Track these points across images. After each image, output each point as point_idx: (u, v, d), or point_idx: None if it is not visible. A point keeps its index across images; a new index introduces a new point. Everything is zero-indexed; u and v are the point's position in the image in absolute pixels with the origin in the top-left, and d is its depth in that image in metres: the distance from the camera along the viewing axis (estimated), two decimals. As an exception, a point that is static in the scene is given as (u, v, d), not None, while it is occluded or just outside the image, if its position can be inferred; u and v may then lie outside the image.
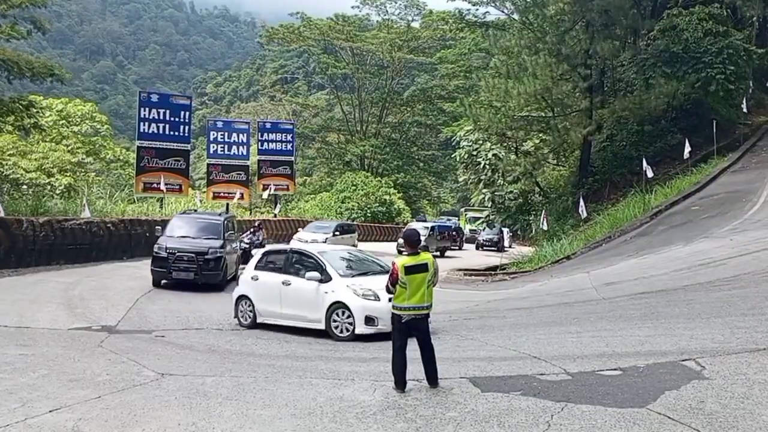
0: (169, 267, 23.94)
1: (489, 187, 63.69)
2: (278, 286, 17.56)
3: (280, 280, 17.61)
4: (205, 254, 24.30)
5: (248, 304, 18.11)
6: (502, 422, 8.85)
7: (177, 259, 23.98)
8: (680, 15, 43.19)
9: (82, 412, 9.57)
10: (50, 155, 47.72)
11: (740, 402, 9.14)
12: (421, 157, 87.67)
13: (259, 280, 18.17)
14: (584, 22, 44.49)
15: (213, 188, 46.92)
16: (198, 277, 24.06)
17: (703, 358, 11.45)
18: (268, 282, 17.90)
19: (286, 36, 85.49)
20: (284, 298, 17.49)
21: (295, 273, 17.61)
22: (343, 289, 16.53)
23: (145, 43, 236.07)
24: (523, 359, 12.66)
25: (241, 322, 18.13)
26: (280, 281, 17.58)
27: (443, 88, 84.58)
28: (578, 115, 46.12)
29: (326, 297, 16.60)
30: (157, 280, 24.36)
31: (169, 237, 25.08)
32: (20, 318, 16.86)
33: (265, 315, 17.83)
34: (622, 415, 8.85)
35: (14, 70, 33.48)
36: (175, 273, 24.02)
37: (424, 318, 10.86)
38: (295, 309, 17.25)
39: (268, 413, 9.61)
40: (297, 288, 17.27)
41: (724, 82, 40.90)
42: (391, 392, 10.52)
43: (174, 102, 42.80)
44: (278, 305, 17.55)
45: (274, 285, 17.70)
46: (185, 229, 25.90)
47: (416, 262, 10.68)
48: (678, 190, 37.81)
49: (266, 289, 17.88)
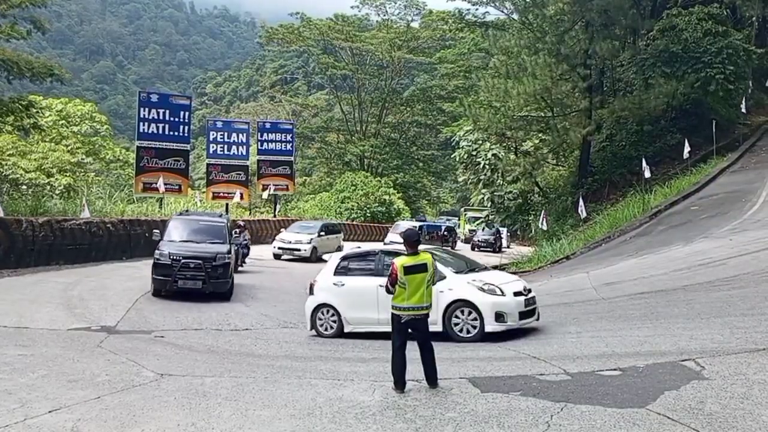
0: (174, 275, 21.71)
1: (488, 187, 63.80)
2: (374, 290, 16.04)
3: (376, 283, 15.99)
4: (213, 260, 22.26)
5: (331, 313, 16.99)
6: (502, 422, 8.85)
7: (183, 266, 21.83)
8: (680, 15, 43.18)
9: (81, 413, 9.58)
10: (50, 155, 47.72)
11: (740, 402, 9.15)
12: (421, 157, 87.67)
13: (346, 286, 16.95)
14: (584, 22, 44.49)
15: (212, 188, 46.94)
16: (206, 286, 22.00)
17: (703, 358, 11.46)
18: (359, 287, 16.73)
19: (286, 36, 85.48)
20: (384, 302, 15.43)
21: None
22: (464, 286, 15.74)
23: (144, 43, 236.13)
24: (523, 359, 12.68)
25: (322, 333, 16.98)
26: (376, 285, 15.92)
27: (443, 88, 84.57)
28: (578, 115, 46.13)
29: (442, 296, 15.50)
30: (160, 289, 22.14)
31: (171, 242, 23.04)
32: (19, 318, 16.86)
33: (356, 323, 16.75)
34: (622, 416, 8.85)
35: (14, 70, 33.46)
36: (181, 282, 21.85)
37: (424, 318, 10.88)
38: None
39: (267, 413, 9.61)
40: None
41: (724, 82, 40.89)
42: (391, 392, 10.53)
43: (174, 102, 42.81)
44: (375, 311, 16.09)
45: (368, 290, 16.37)
46: (187, 233, 23.90)
47: (415, 262, 10.69)
48: (677, 190, 37.80)
49: (357, 295, 16.69)
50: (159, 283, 22.12)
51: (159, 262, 22.08)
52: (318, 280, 17.59)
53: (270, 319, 19.06)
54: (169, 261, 21.92)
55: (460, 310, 15.46)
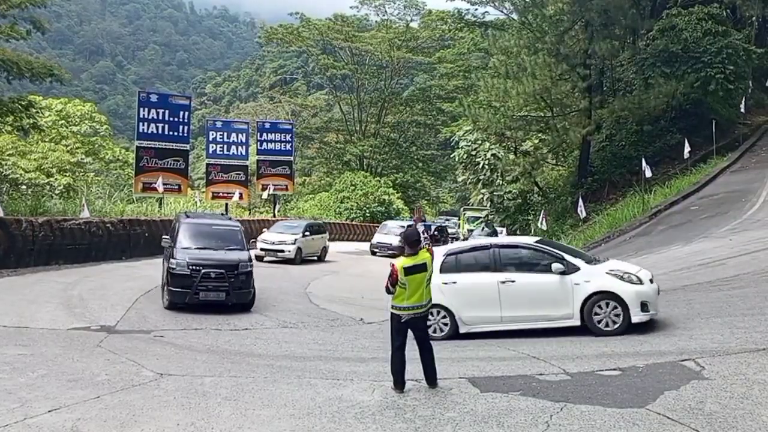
0: (195, 287, 19.47)
1: (488, 187, 63.77)
2: (494, 286, 15.42)
3: (495, 279, 15.47)
4: (236, 269, 20.16)
5: (442, 314, 15.82)
6: (501, 422, 8.88)
7: (204, 276, 19.64)
8: (679, 15, 43.23)
9: (81, 412, 9.59)
10: (49, 155, 47.70)
11: (740, 402, 9.17)
12: (420, 156, 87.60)
13: (459, 284, 15.82)
14: (583, 22, 44.55)
15: (212, 188, 46.91)
16: (230, 297, 19.92)
17: (703, 358, 11.49)
18: (476, 284, 15.78)
19: (285, 36, 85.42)
20: (507, 299, 15.39)
21: (516, 269, 15.71)
22: (603, 276, 15.04)
23: (144, 43, 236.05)
24: (522, 359, 12.70)
25: (432, 336, 14.06)
26: (496, 281, 15.44)
27: (442, 88, 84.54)
28: (577, 115, 46.18)
29: (578, 289, 14.86)
30: (177, 302, 19.68)
31: (186, 249, 20.58)
32: (19, 318, 16.84)
33: (473, 323, 15.74)
34: (622, 416, 8.87)
35: (14, 70, 33.43)
36: (202, 294, 19.65)
37: (424, 317, 10.90)
38: (526, 309, 15.30)
39: (266, 413, 9.63)
40: (527, 285, 15.37)
41: (724, 81, 40.96)
42: (390, 392, 10.55)
43: (173, 102, 42.77)
44: (497, 309, 15.42)
45: (487, 286, 15.54)
46: (202, 239, 21.49)
47: (415, 263, 10.68)
48: (677, 190, 37.85)
49: (475, 293, 15.73)
50: (177, 296, 19.68)
51: (176, 272, 19.63)
52: None
53: (269, 319, 19.02)
54: (188, 271, 19.62)
55: (603, 302, 14.75)
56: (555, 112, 47.05)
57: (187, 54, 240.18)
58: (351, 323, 19.31)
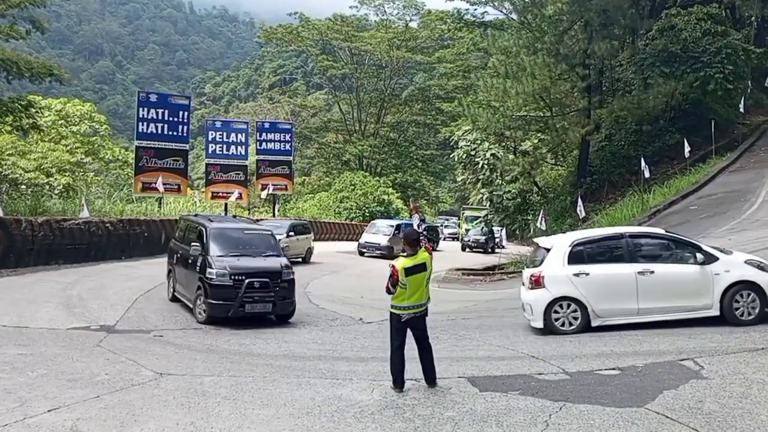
0: (240, 299, 17.66)
1: (487, 186, 63.75)
2: (631, 278, 14.94)
3: (632, 270, 15.01)
4: (280, 277, 18.44)
5: (573, 308, 15.25)
6: (501, 421, 8.90)
7: (248, 287, 17.81)
8: (679, 15, 43.21)
9: (81, 412, 9.60)
10: (49, 155, 47.71)
11: (738, 401, 9.20)
12: (420, 156, 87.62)
13: (592, 275, 15.24)
14: (583, 21, 44.54)
15: (211, 188, 46.92)
16: (276, 309, 18.40)
17: (702, 357, 11.53)
18: (612, 276, 15.23)
19: (285, 36, 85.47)
20: (645, 290, 14.90)
21: (651, 260, 15.31)
22: (743, 266, 14.84)
23: (143, 43, 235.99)
24: (522, 359, 12.72)
25: (558, 330, 15.20)
26: (634, 272, 14.97)
27: (441, 87, 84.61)
28: (576, 115, 46.20)
29: (718, 279, 14.55)
30: (219, 316, 17.90)
31: (222, 257, 18.57)
32: (19, 318, 16.85)
33: (608, 315, 15.19)
34: (621, 415, 8.90)
35: (13, 69, 33.44)
36: (249, 306, 17.87)
37: (423, 316, 10.90)
38: (665, 300, 14.85)
39: (266, 413, 9.65)
40: (667, 276, 14.94)
41: (723, 81, 40.95)
42: (390, 392, 10.57)
43: (173, 102, 42.83)
44: (633, 300, 14.93)
45: (623, 278, 15.06)
46: (235, 245, 19.55)
47: (415, 263, 10.69)
48: (676, 190, 37.85)
49: (610, 284, 15.18)
50: (218, 309, 17.80)
51: (215, 282, 17.77)
52: (546, 272, 15.57)
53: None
54: (231, 281, 17.79)
55: (742, 292, 14.47)
56: (554, 112, 47.06)
57: (186, 54, 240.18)
58: (350, 323, 19.31)
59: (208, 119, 59.03)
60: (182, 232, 21.86)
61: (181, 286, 20.39)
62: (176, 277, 20.95)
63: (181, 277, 20.42)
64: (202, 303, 18.15)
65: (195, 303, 18.55)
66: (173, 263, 21.45)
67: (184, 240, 20.82)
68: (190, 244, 19.62)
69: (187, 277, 19.64)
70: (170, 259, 21.99)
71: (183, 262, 20.27)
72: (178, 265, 20.78)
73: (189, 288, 19.34)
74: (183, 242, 20.93)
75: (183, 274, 20.22)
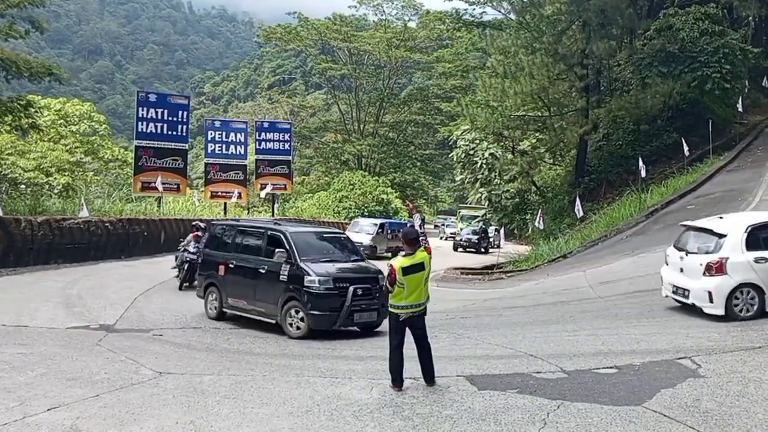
0: (348, 307, 16.18)
1: (486, 186, 63.83)
2: None
3: None
4: (377, 282, 16.69)
5: (751, 294, 14.66)
6: (499, 420, 8.92)
7: (354, 294, 16.35)
8: (676, 15, 43.30)
9: (80, 411, 9.62)
10: (48, 155, 47.67)
11: (735, 400, 9.24)
12: (419, 156, 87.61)
13: None
14: (581, 21, 44.62)
15: (211, 187, 46.87)
16: (381, 317, 16.57)
17: (699, 356, 11.56)
18: None
19: (284, 36, 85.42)
20: None
21: None
22: None
23: (143, 42, 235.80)
24: (520, 357, 12.74)
25: (737, 316, 14.56)
26: None
27: (440, 87, 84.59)
28: (574, 115, 46.30)
29: None
30: (323, 329, 16.28)
31: (314, 263, 16.84)
32: (18, 317, 16.89)
33: None
34: (618, 413, 8.92)
35: (12, 69, 33.41)
36: (357, 315, 16.51)
37: (421, 315, 10.90)
38: None
39: (265, 411, 9.67)
40: None
41: (720, 81, 41.04)
42: (389, 390, 10.59)
43: (172, 102, 42.79)
44: None
45: None
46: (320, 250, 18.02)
47: (413, 263, 10.70)
48: (674, 189, 37.91)
49: None
50: (323, 321, 16.18)
51: (319, 291, 16.10)
52: (728, 258, 14.86)
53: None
54: (335, 288, 16.26)
55: None
56: (552, 112, 47.16)
57: (185, 54, 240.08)
58: (349, 321, 19.33)
59: (207, 119, 58.96)
60: (227, 240, 19.22)
61: (244, 301, 17.79)
62: (230, 291, 18.21)
63: (244, 289, 17.86)
64: (297, 315, 16.33)
65: (284, 317, 16.52)
66: (218, 275, 18.61)
67: (238, 248, 18.62)
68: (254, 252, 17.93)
69: (262, 289, 17.35)
70: (208, 271, 19.21)
71: (246, 273, 17.87)
72: (235, 276, 18.16)
73: (265, 301, 17.18)
74: (237, 251, 18.56)
75: (250, 285, 17.70)
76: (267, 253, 17.47)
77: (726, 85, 41.65)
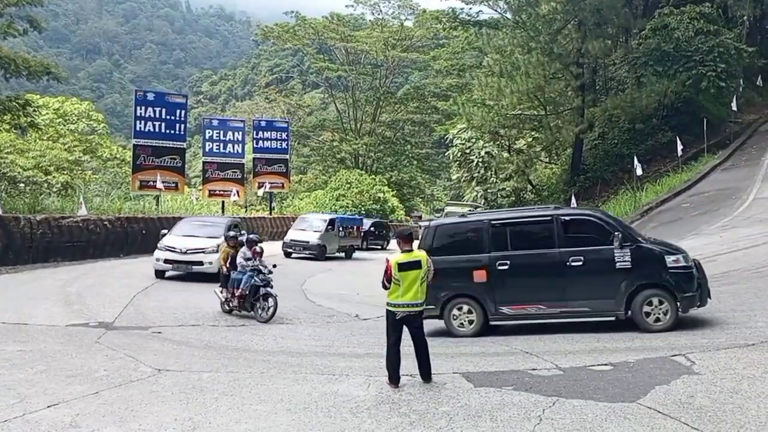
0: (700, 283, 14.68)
1: (482, 184, 63.90)
2: None
3: None
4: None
5: None
6: (495, 416, 8.98)
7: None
8: (671, 14, 43.38)
9: (80, 408, 9.68)
10: (47, 153, 47.71)
11: (729, 396, 9.29)
12: (415, 155, 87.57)
13: None
14: (576, 21, 44.68)
15: (208, 186, 47.00)
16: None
17: (693, 353, 11.61)
18: None
19: (281, 35, 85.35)
20: None
21: None
22: None
23: (141, 42, 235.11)
24: (515, 354, 12.80)
25: None
26: None
27: (437, 86, 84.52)
28: (570, 114, 46.37)
29: None
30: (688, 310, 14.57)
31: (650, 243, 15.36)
32: (18, 315, 16.92)
33: None
34: (613, 410, 8.97)
35: (11, 68, 33.45)
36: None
37: (418, 315, 10.96)
38: None
39: (263, 408, 9.73)
40: None
41: (715, 80, 41.11)
42: (385, 387, 10.66)
43: (170, 100, 42.91)
44: None
45: None
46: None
47: (409, 260, 10.77)
48: (669, 188, 38.01)
49: None
50: (692, 303, 14.42)
51: (684, 271, 14.49)
52: None
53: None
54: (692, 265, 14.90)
55: None
56: (548, 111, 47.22)
57: (183, 53, 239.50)
58: (347, 319, 19.43)
59: (205, 118, 59.08)
60: (471, 238, 16.18)
61: (539, 306, 15.16)
62: (507, 297, 15.28)
63: (536, 292, 15.23)
64: (660, 306, 14.21)
65: (639, 309, 14.26)
66: (474, 283, 15.50)
67: (502, 245, 15.58)
68: (542, 246, 15.38)
69: (579, 286, 14.78)
70: (449, 282, 15.43)
71: (539, 271, 15.28)
72: (515, 278, 15.31)
73: (588, 298, 14.73)
74: (501, 248, 15.52)
75: (549, 285, 15.17)
76: (566, 243, 15.05)
77: (721, 84, 41.73)
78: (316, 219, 39.94)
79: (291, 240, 37.53)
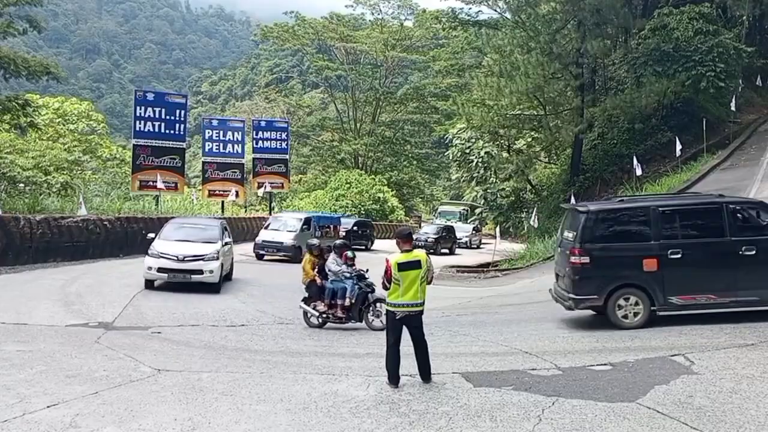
0: None
1: (481, 184, 64.07)
2: None
3: None
4: None
5: None
6: (494, 416, 9.00)
7: None
8: (671, 14, 43.31)
9: (80, 408, 9.67)
10: (47, 153, 47.77)
11: (728, 396, 9.32)
12: (415, 154, 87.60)
13: None
14: (576, 21, 44.65)
15: (208, 186, 47.03)
16: None
17: (693, 353, 11.65)
18: None
19: (281, 35, 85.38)
20: None
21: None
22: None
23: (140, 42, 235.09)
24: (515, 354, 12.82)
25: None
26: None
27: (436, 86, 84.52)
28: (570, 114, 46.34)
29: None
30: None
31: None
32: (18, 315, 16.90)
33: None
34: (612, 410, 9.01)
35: (10, 68, 33.46)
36: None
37: (418, 315, 10.96)
38: None
39: (263, 408, 9.74)
40: None
41: (714, 79, 41.03)
42: (385, 387, 10.68)
43: (170, 100, 42.92)
44: None
45: None
46: None
47: (409, 259, 10.79)
48: (668, 188, 37.89)
49: None
50: None
51: None
52: None
53: (266, 315, 19.04)
54: None
55: None
56: (548, 111, 47.19)
57: (183, 53, 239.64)
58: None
59: (204, 118, 59.15)
60: (635, 227, 15.60)
61: (709, 295, 14.65)
62: (678, 287, 14.76)
63: (706, 282, 14.83)
64: None
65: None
66: (643, 272, 14.87)
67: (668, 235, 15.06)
68: (711, 234, 15.06)
69: (751, 276, 14.60)
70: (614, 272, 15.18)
71: (710, 261, 15.00)
72: (684, 267, 14.78)
73: (762, 288, 14.57)
74: (667, 237, 14.98)
75: (719, 275, 14.89)
76: (737, 232, 14.85)
77: (720, 84, 41.65)
78: (290, 218, 37.71)
79: (263, 241, 34.95)
